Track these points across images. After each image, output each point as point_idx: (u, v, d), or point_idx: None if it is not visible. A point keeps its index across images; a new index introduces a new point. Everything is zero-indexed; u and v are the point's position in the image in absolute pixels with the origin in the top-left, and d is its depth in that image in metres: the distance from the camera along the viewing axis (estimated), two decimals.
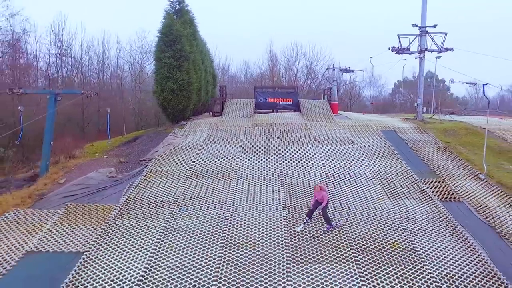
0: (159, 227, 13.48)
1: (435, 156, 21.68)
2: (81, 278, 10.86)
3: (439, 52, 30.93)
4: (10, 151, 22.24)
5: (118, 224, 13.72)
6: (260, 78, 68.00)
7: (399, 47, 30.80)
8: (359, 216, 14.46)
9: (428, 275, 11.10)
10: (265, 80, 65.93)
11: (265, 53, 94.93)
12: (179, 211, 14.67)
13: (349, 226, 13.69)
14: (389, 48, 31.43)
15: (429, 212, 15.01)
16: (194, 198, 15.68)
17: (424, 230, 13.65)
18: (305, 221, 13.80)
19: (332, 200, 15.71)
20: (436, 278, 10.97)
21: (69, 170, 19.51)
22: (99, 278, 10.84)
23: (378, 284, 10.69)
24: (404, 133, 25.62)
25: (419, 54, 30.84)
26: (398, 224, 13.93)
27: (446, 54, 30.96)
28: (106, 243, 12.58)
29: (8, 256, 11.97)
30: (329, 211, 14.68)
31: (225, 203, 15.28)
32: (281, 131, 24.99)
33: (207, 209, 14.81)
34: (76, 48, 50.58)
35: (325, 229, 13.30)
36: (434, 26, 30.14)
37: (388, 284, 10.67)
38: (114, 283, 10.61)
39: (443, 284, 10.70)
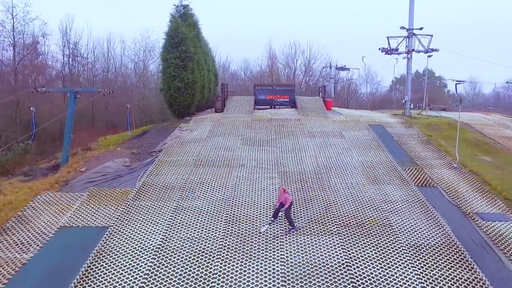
0: (172, 207, 15.52)
1: (417, 148, 23.71)
2: (109, 246, 12.90)
3: (426, 52, 32.96)
4: (32, 143, 24.27)
5: (136, 205, 15.76)
6: (260, 76, 69.85)
7: (388, 48, 32.82)
8: (344, 198, 16.50)
9: (399, 245, 13.15)
10: (265, 77, 67.84)
11: (265, 51, 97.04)
12: (188, 194, 16.70)
13: (334, 206, 15.75)
14: (379, 49, 33.44)
15: (406, 195, 17.05)
16: (201, 183, 17.71)
17: (400, 210, 15.69)
18: (270, 221, 14.31)
19: (321, 185, 17.77)
20: (405, 248, 13.02)
21: (88, 160, 21.53)
22: (123, 247, 12.88)
23: (356, 251, 12.74)
24: (391, 127, 27.64)
25: (406, 55, 32.86)
26: (377, 205, 15.97)
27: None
28: (127, 219, 14.62)
29: (45, 230, 14.01)
30: (316, 195, 16.75)
31: (228, 187, 17.32)
32: (278, 126, 27.00)
33: (212, 192, 16.85)
34: (82, 47, 52.62)
35: (287, 230, 13.82)
36: (421, 28, 32.15)
37: (364, 251, 12.72)
38: (136, 250, 12.65)
39: (410, 252, 12.77)
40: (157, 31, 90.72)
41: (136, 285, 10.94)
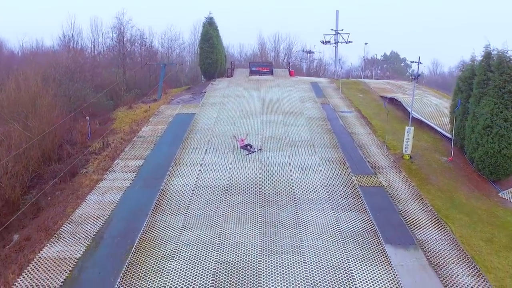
0: (217, 108, 33.35)
1: (330, 92, 41.61)
2: (198, 117, 30.87)
3: (346, 43, 50.49)
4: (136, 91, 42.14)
5: (202, 108, 33.62)
6: (252, 57, 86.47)
7: (325, 41, 50.33)
8: (287, 107, 34.47)
9: (303, 118, 31.33)
10: (256, 58, 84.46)
11: (256, 39, 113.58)
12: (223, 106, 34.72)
13: (282, 109, 33.79)
14: (320, 41, 50.99)
15: (313, 106, 34.98)
16: (227, 102, 35.46)
17: (309, 109, 33.65)
18: (248, 152, 24.04)
19: (278, 103, 35.73)
20: (305, 119, 31.19)
21: (171, 96, 39.34)
22: (201, 117, 30.87)
23: (286, 119, 30.90)
24: (321, 84, 45.45)
25: (335, 45, 50.42)
26: (301, 109, 33.96)
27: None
28: (201, 111, 32.50)
29: (171, 114, 31.92)
30: (276, 105, 34.84)
31: (239, 103, 35.07)
32: (261, 82, 44.64)
33: (232, 105, 34.66)
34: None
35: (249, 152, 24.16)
36: (342, 30, 49.62)
37: (291, 119, 30.89)
38: (207, 119, 30.65)
39: (306, 121, 30.95)
40: (182, 25, 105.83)
41: (210, 123, 29.06)
